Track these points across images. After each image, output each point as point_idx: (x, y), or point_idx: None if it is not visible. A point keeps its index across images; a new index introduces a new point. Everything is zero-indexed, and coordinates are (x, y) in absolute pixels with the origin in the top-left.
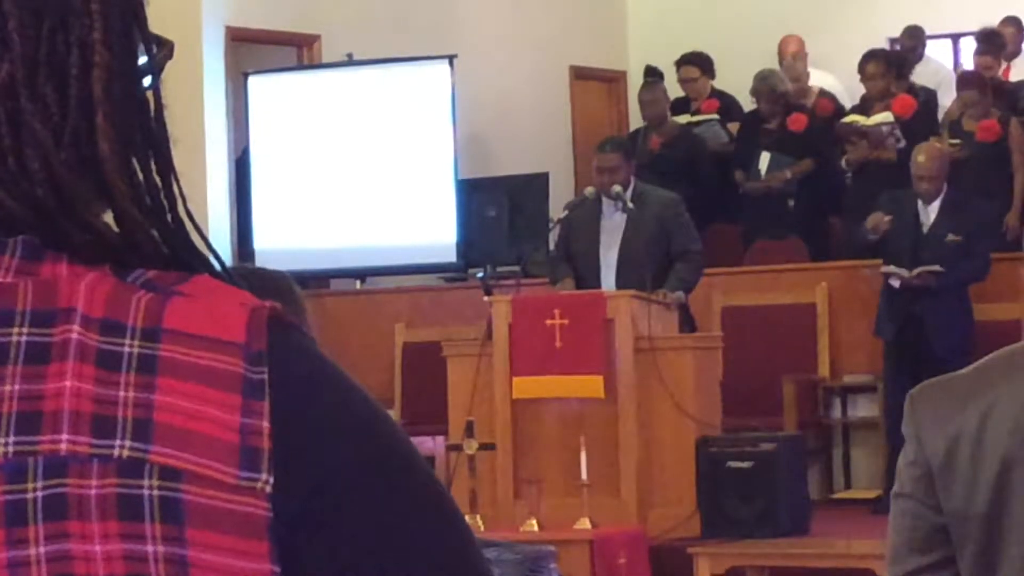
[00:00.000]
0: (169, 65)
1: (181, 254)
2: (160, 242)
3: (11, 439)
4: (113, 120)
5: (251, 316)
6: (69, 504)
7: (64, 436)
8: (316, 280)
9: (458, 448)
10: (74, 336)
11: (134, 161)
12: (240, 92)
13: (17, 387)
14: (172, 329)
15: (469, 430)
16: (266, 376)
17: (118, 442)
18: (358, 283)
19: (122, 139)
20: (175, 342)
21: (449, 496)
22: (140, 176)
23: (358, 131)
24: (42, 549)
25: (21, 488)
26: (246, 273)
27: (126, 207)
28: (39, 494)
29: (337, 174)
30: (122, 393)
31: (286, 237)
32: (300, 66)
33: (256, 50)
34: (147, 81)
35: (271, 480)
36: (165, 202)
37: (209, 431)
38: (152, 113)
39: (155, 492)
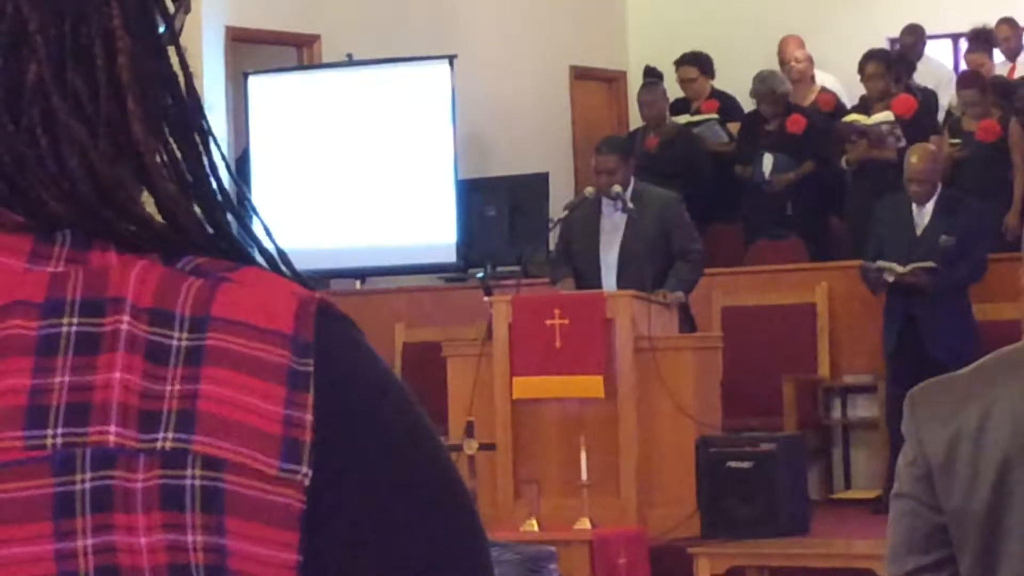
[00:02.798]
0: None
1: (227, 232)
2: (204, 221)
3: (60, 430)
4: (144, 103)
5: (300, 306)
6: (115, 496)
7: (112, 428)
8: (316, 280)
9: (458, 448)
10: (124, 327)
11: (171, 141)
12: (240, 92)
13: (67, 378)
14: (220, 317)
15: (469, 430)
16: (312, 368)
17: (161, 435)
18: (358, 283)
19: (155, 119)
20: (222, 330)
21: (474, 509)
22: (179, 154)
23: (358, 131)
24: (89, 541)
25: (70, 480)
26: None
27: (165, 187)
28: (87, 485)
29: (337, 174)
30: (168, 387)
31: (286, 237)
32: (300, 66)
33: (256, 50)
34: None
35: (310, 473)
36: (209, 176)
37: (252, 421)
38: (182, 85)
39: (197, 482)
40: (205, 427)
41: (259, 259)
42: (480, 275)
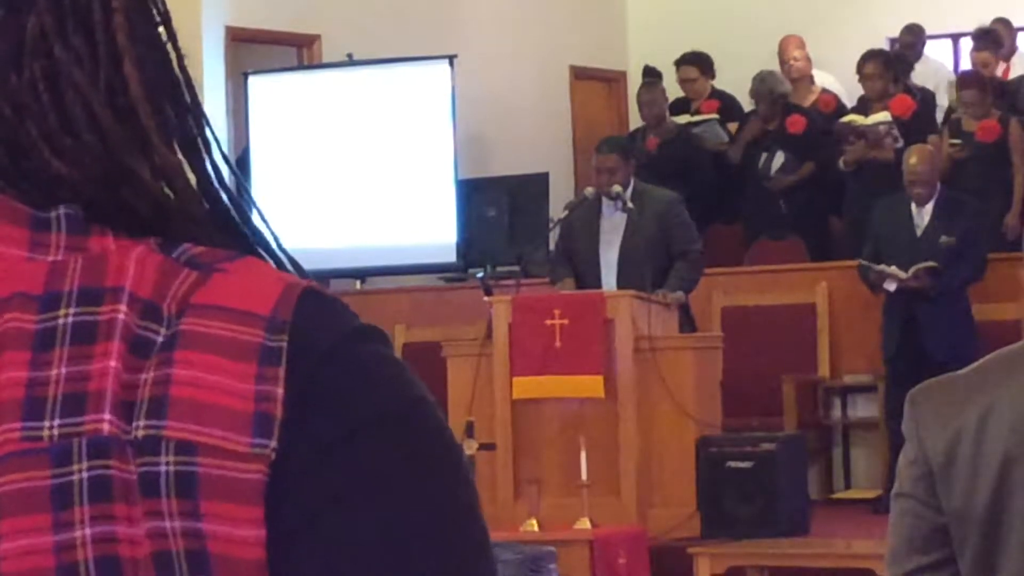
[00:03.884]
0: None
1: (222, 206)
2: (197, 191)
3: (56, 422)
4: (141, 66)
5: (285, 289)
6: (115, 486)
7: (107, 416)
8: (316, 280)
9: None
10: (120, 317)
11: (167, 107)
12: (240, 92)
13: (64, 370)
14: (197, 303)
15: (469, 430)
16: (285, 343)
17: (135, 424)
18: (358, 283)
19: (151, 84)
20: (198, 315)
21: (472, 500)
22: (175, 122)
23: (358, 131)
24: (87, 531)
25: (68, 471)
26: None
27: (163, 151)
28: (84, 475)
29: (337, 174)
30: (143, 375)
31: (286, 237)
32: (300, 66)
33: (256, 50)
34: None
35: (277, 447)
36: (200, 143)
37: (223, 401)
38: (174, 60)
39: (171, 468)
40: (177, 412)
41: (251, 237)
42: (480, 275)
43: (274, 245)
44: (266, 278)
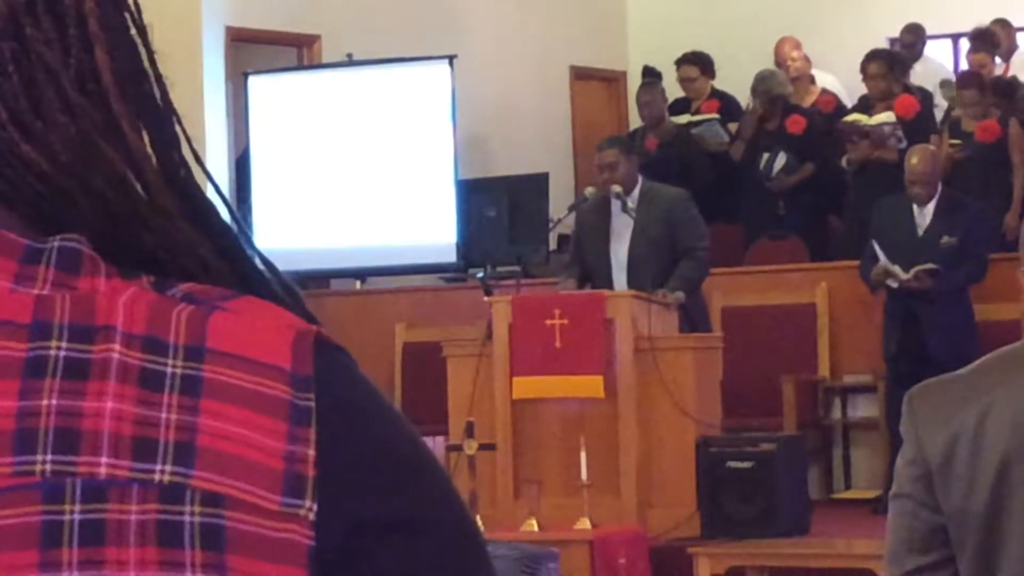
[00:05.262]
0: (169, 65)
1: (195, 203)
2: (167, 184)
3: (49, 457)
4: (113, 55)
5: (297, 339)
6: (107, 530)
7: (103, 459)
8: (316, 280)
9: (458, 448)
10: (115, 355)
11: (137, 98)
12: (240, 92)
13: (55, 402)
14: (215, 349)
15: (469, 430)
16: (313, 403)
17: (159, 466)
18: (358, 283)
19: (122, 72)
20: (219, 363)
21: (481, 537)
22: (145, 111)
23: (358, 131)
24: (75, 574)
25: (59, 509)
26: None
27: (135, 140)
28: (76, 517)
29: (337, 174)
30: (164, 415)
31: (286, 237)
32: (300, 66)
33: (256, 50)
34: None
35: (315, 507)
36: (172, 148)
37: (253, 457)
38: (144, 56)
39: (196, 518)
40: (204, 462)
41: (224, 233)
42: (480, 275)
43: (246, 245)
44: (271, 322)
